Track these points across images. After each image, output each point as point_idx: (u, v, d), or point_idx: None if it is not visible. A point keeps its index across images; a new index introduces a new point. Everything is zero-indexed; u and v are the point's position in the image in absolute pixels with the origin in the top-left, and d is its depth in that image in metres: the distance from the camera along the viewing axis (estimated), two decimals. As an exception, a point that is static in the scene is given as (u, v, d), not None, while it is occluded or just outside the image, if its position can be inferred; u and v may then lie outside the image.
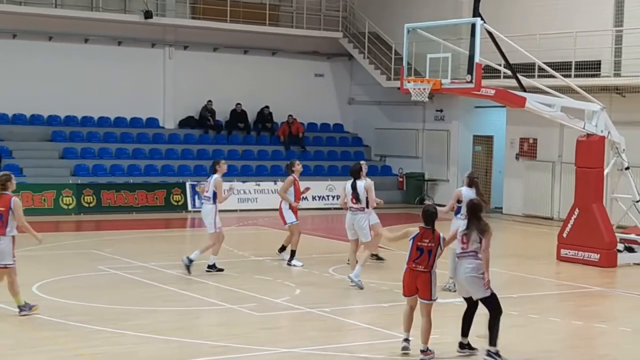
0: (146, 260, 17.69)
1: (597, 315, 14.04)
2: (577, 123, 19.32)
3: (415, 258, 10.71)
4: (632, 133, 22.50)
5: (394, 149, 33.02)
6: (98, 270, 16.72)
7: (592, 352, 12.05)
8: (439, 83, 17.98)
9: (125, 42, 30.40)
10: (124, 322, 12.50)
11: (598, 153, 19.21)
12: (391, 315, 13.13)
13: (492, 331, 10.69)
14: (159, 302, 14.08)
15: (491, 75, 22.56)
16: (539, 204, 27.86)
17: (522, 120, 26.74)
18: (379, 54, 31.61)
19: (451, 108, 30.89)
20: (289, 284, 15.73)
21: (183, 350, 11.19)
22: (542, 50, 24.53)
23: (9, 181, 12.73)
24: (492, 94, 18.38)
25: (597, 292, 16.21)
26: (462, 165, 30.56)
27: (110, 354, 10.94)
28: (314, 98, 33.76)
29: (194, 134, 31.48)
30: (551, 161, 27.62)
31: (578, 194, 19.36)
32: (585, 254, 18.77)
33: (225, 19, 30.76)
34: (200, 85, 31.35)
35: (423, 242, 10.70)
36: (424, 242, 10.70)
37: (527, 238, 24.51)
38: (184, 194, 27.51)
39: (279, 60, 33.19)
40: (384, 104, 33.37)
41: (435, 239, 10.70)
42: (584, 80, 23.91)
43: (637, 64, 24.17)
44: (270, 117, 32.50)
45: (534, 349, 11.69)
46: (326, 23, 33.29)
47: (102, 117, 30.47)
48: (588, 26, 25.22)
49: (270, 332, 12.24)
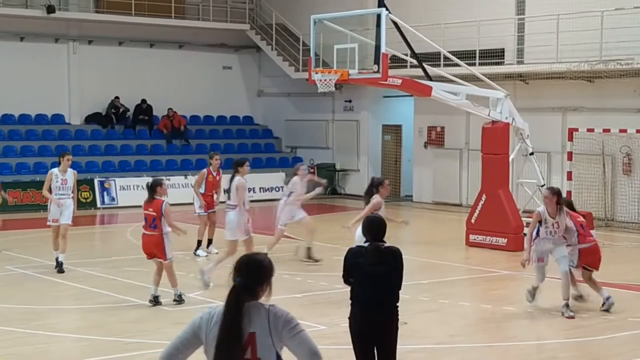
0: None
1: (505, 298, 14.34)
2: (482, 110, 19.67)
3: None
4: (536, 119, 23.05)
5: (304, 140, 33.11)
6: (6, 270, 16.40)
7: (501, 334, 12.32)
8: (346, 74, 18.13)
9: (28, 37, 29.80)
10: (35, 321, 12.32)
11: (503, 139, 19.59)
12: (304, 306, 13.19)
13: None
14: (70, 300, 13.90)
15: (398, 65, 22.83)
16: (448, 191, 28.28)
17: (429, 109, 27.08)
18: (286, 46, 31.64)
19: (360, 98, 31.12)
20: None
21: (95, 348, 11.07)
22: (447, 39, 24.90)
23: (159, 186, 13.04)
24: (399, 83, 18.60)
25: (505, 275, 16.56)
26: (372, 155, 30.86)
27: (21, 354, 10.77)
28: (222, 91, 33.62)
29: (101, 130, 31.06)
30: (458, 148, 28.05)
31: (485, 180, 19.73)
32: (493, 238, 19.15)
33: (130, 13, 30.39)
34: (106, 80, 30.92)
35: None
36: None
37: (437, 225, 24.85)
38: (92, 190, 27.14)
39: (186, 53, 32.95)
40: (293, 96, 33.43)
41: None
42: (488, 68, 24.34)
43: (539, 51, 24.71)
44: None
45: (445, 333, 11.91)
46: (233, 15, 33.16)
47: (5, 115, 29.82)
48: (491, 15, 25.68)
49: (184, 327, 12.16)
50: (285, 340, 5.02)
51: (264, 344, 4.96)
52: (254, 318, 4.98)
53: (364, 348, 7.64)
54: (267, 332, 4.97)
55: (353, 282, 7.69)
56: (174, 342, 5.15)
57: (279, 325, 5.00)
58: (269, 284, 5.09)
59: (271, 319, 5.00)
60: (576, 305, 13.15)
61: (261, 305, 5.03)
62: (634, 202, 23.31)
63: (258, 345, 4.95)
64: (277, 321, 5.00)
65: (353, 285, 7.70)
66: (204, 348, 5.06)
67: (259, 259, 5.14)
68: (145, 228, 13.13)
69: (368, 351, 7.63)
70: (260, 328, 4.97)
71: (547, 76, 24.28)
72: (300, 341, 5.03)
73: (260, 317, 4.98)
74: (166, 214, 12.91)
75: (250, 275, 5.04)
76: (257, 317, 4.98)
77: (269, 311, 5.01)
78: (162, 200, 12.98)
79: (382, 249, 7.59)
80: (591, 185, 23.61)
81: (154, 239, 13.01)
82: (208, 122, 33.62)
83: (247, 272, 5.04)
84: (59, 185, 16.15)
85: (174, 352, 5.13)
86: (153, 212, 12.92)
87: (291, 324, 5.03)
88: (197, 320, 5.11)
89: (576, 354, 11.33)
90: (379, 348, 7.64)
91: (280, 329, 5.00)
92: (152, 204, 13.00)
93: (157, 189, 13.06)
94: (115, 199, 27.40)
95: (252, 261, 5.12)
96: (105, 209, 26.97)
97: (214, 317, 5.05)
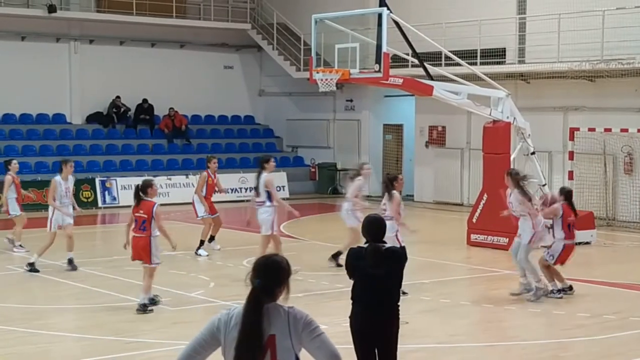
0: (57, 258, 17.38)
1: (506, 298, 14.30)
2: (484, 110, 19.65)
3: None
4: (537, 118, 23.03)
5: (305, 139, 33.10)
6: (7, 270, 16.41)
7: (502, 334, 12.32)
8: (347, 73, 18.10)
9: (29, 37, 29.80)
10: (36, 321, 12.32)
11: (504, 139, 19.57)
12: (304, 305, 13.19)
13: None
14: (71, 300, 13.90)
15: (399, 64, 22.80)
16: (449, 191, 28.26)
17: (430, 108, 27.07)
18: (288, 45, 31.63)
19: (361, 98, 31.11)
20: (203, 278, 15.69)
21: (95, 347, 11.07)
22: (448, 38, 24.89)
23: (150, 187, 12.86)
24: (400, 83, 18.58)
25: (507, 275, 16.52)
26: (374, 155, 30.84)
27: (22, 354, 10.78)
28: (223, 90, 33.61)
29: (102, 129, 31.06)
30: (460, 148, 28.04)
31: (486, 179, 19.72)
32: (495, 238, 19.13)
33: (131, 12, 30.39)
34: (107, 80, 30.91)
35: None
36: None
37: (438, 224, 24.84)
38: (93, 190, 27.14)
39: (187, 53, 32.95)
40: (294, 95, 33.42)
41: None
42: (489, 67, 24.33)
43: (540, 51, 24.71)
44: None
45: (446, 333, 11.90)
46: (234, 14, 33.15)
47: (6, 114, 29.83)
48: (492, 14, 25.66)
49: (184, 326, 12.17)
50: (305, 343, 4.96)
51: (283, 346, 4.91)
52: (274, 320, 4.92)
53: (365, 347, 7.63)
54: (287, 334, 4.92)
55: (354, 283, 7.68)
56: (191, 344, 5.05)
57: (299, 327, 4.95)
58: (287, 285, 5.04)
59: (291, 321, 4.94)
60: (576, 305, 13.13)
61: (280, 307, 4.98)
62: (635, 202, 23.30)
63: (278, 347, 4.89)
64: (297, 323, 4.95)
65: (354, 286, 7.69)
66: (222, 350, 4.99)
67: (277, 260, 5.08)
68: (135, 230, 12.84)
69: (369, 351, 7.63)
70: (280, 330, 4.91)
71: (549, 75, 24.27)
72: (320, 344, 4.97)
73: (279, 320, 4.93)
74: (157, 217, 12.68)
75: (269, 276, 4.98)
76: (277, 320, 4.93)
77: (289, 313, 4.96)
78: (154, 203, 12.76)
79: (383, 250, 7.57)
80: (592, 185, 23.61)
81: (142, 242, 12.72)
82: (209, 122, 33.61)
83: (266, 274, 4.98)
84: (62, 193, 16.16)
85: (192, 354, 5.02)
86: (144, 214, 12.65)
87: (311, 326, 4.97)
88: (216, 322, 5.03)
89: (577, 353, 11.32)
90: (380, 348, 7.64)
91: (300, 332, 4.94)
92: (143, 205, 12.74)
93: (148, 190, 12.81)
94: (116, 198, 27.40)
95: (271, 263, 5.06)
96: (107, 208, 26.96)
97: (232, 318, 4.99)
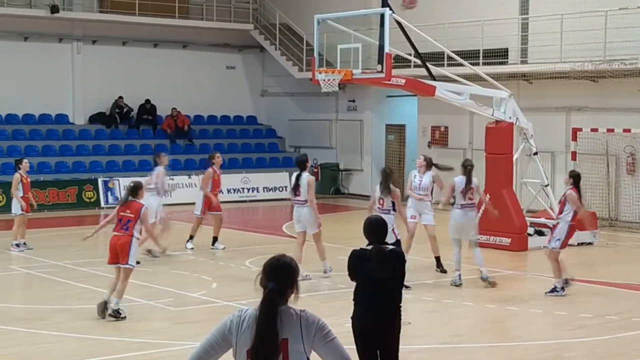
0: (59, 258, 17.44)
1: (508, 299, 14.31)
2: (486, 110, 19.64)
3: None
4: (539, 119, 23.02)
5: (308, 139, 33.10)
6: (10, 270, 16.42)
7: (504, 335, 12.32)
8: (350, 73, 18.10)
9: (32, 37, 29.82)
10: (38, 321, 12.33)
11: (507, 139, 19.57)
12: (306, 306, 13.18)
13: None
14: (73, 300, 13.90)
15: (401, 64, 22.78)
16: (451, 191, 28.17)
17: (433, 108, 27.06)
18: (290, 45, 31.63)
19: (363, 98, 31.11)
20: (205, 278, 15.68)
21: (98, 347, 11.08)
22: (451, 39, 24.86)
23: (141, 189, 12.95)
24: (403, 83, 18.58)
25: (509, 275, 16.53)
26: (376, 155, 30.84)
27: (24, 354, 10.79)
28: (226, 90, 33.61)
29: (105, 129, 31.08)
30: (462, 148, 28.01)
31: (488, 179, 19.70)
32: (497, 238, 19.12)
33: (134, 12, 30.40)
34: (110, 80, 30.91)
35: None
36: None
37: (440, 224, 24.74)
38: (96, 190, 27.17)
39: (189, 53, 32.95)
40: (296, 95, 33.42)
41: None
42: (491, 67, 24.32)
43: (543, 51, 24.69)
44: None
45: (449, 333, 11.90)
46: (237, 15, 33.16)
47: (9, 114, 29.84)
48: (495, 15, 25.65)
49: (187, 326, 12.18)
50: (317, 347, 4.90)
51: (295, 350, 4.84)
52: (286, 324, 4.84)
53: (367, 348, 7.63)
54: (299, 338, 4.85)
55: (357, 284, 7.67)
56: (203, 346, 5.00)
57: (312, 331, 4.88)
58: (296, 286, 4.99)
59: (303, 324, 4.88)
60: (579, 305, 13.13)
61: (292, 310, 4.91)
62: (638, 202, 23.28)
63: (290, 351, 4.82)
64: (310, 327, 4.89)
65: (356, 287, 7.68)
66: (234, 352, 4.93)
67: (287, 262, 5.01)
68: (117, 229, 12.65)
69: (371, 351, 7.62)
70: (292, 334, 4.84)
71: (551, 76, 24.25)
72: (333, 349, 4.91)
73: (291, 323, 4.86)
74: (144, 219, 12.63)
75: (281, 278, 4.92)
76: (289, 323, 4.86)
77: (301, 317, 4.90)
78: (142, 205, 12.69)
79: (386, 252, 7.55)
80: (595, 185, 23.58)
81: (122, 240, 12.51)
82: (212, 122, 33.62)
83: (278, 276, 4.92)
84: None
85: (203, 356, 4.98)
86: (130, 214, 12.51)
87: (324, 330, 4.91)
88: (227, 323, 4.95)
89: (580, 353, 11.30)
90: (382, 348, 7.63)
91: (312, 336, 4.88)
92: (130, 206, 12.63)
93: (139, 191, 12.82)
94: (119, 198, 27.38)
95: (282, 264, 4.98)
96: (109, 208, 26.91)
97: (244, 321, 4.90)
